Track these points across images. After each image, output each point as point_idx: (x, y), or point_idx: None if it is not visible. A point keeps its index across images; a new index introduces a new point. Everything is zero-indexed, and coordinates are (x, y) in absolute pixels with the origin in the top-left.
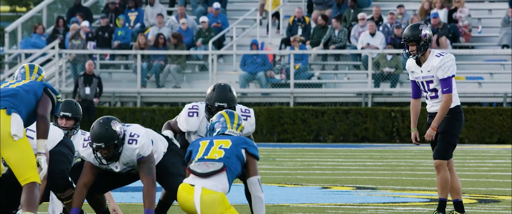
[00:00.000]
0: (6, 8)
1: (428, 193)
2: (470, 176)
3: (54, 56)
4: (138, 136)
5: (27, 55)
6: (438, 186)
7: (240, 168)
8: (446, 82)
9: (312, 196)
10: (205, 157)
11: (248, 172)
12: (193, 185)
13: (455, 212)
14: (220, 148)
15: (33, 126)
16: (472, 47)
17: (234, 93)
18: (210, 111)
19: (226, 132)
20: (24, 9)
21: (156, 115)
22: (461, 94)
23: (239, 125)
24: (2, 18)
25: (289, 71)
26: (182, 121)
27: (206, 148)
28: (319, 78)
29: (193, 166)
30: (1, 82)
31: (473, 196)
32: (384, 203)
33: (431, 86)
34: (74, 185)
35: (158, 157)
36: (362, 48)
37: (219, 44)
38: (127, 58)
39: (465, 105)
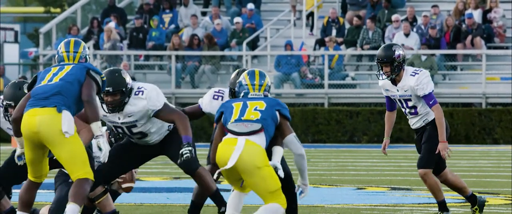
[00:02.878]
0: (40, 9)
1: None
2: (505, 176)
3: (88, 56)
4: (146, 89)
5: None
6: (431, 192)
7: (274, 130)
8: (429, 97)
9: (347, 197)
10: (242, 118)
11: (282, 132)
12: (235, 138)
13: (475, 207)
14: (255, 109)
15: None
16: (506, 48)
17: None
18: (234, 95)
19: (250, 96)
20: (58, 10)
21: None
22: (495, 95)
23: (261, 85)
24: (37, 19)
25: (324, 72)
26: (206, 102)
27: (240, 109)
28: (353, 79)
29: (230, 125)
30: (45, 72)
31: (508, 197)
32: (419, 203)
33: (410, 104)
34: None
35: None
36: None
37: (253, 45)
38: (161, 59)
39: (500, 106)
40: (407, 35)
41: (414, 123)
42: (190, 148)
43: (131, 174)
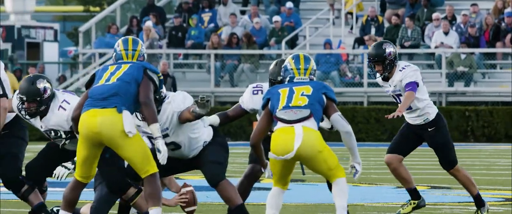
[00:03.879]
0: (80, 8)
1: (503, 193)
2: None
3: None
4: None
5: (101, 55)
6: (465, 186)
7: (321, 113)
8: (408, 84)
9: (387, 195)
10: (290, 105)
11: (328, 112)
12: (291, 126)
13: (412, 201)
14: (302, 94)
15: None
16: None
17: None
18: (273, 85)
19: (295, 80)
20: (97, 9)
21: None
22: None
23: (306, 69)
24: (76, 18)
25: (363, 70)
26: (247, 99)
27: (287, 95)
28: None
29: (279, 113)
30: (103, 70)
31: None
32: (459, 202)
33: (402, 99)
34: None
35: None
36: (436, 47)
37: (292, 44)
38: (200, 57)
39: None
40: (446, 33)
41: (413, 118)
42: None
43: (193, 196)
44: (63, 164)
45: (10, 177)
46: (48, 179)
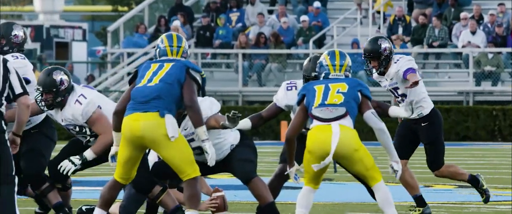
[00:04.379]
0: (108, 7)
1: None
2: None
3: (156, 55)
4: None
5: (129, 54)
6: (454, 179)
7: (357, 110)
8: (408, 69)
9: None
10: (325, 102)
11: (362, 109)
12: (328, 124)
13: (417, 208)
14: (338, 92)
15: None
16: None
17: None
18: (306, 81)
19: (331, 77)
20: (126, 8)
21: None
22: None
23: (341, 65)
24: (105, 18)
25: None
26: (281, 96)
27: (323, 92)
28: (421, 76)
29: (315, 111)
30: (145, 68)
31: None
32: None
33: (400, 92)
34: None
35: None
36: (463, 46)
37: (319, 43)
38: (228, 57)
39: None
40: (473, 33)
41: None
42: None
43: (223, 201)
44: (71, 157)
45: (32, 172)
46: (74, 178)
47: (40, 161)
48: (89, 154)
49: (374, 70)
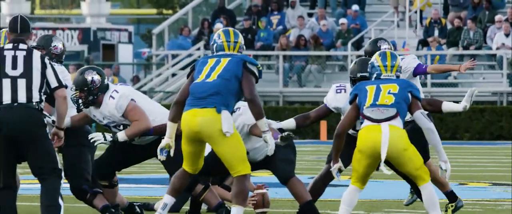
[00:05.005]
0: (153, 11)
1: None
2: None
3: (199, 57)
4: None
5: (173, 56)
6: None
7: (407, 111)
8: (418, 65)
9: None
10: (377, 103)
11: (411, 109)
12: (378, 124)
13: (450, 204)
14: (389, 93)
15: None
16: None
17: None
18: (354, 83)
19: (382, 77)
20: (170, 11)
21: (298, 114)
22: None
23: (393, 66)
24: (150, 21)
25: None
26: (331, 98)
27: (374, 93)
28: (455, 78)
29: (366, 111)
30: (202, 63)
31: None
32: None
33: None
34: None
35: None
36: (497, 48)
37: (358, 45)
38: (269, 59)
39: None
40: (507, 35)
41: None
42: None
43: (262, 198)
44: (105, 133)
45: (74, 187)
46: (121, 176)
47: (78, 174)
48: (121, 135)
49: None
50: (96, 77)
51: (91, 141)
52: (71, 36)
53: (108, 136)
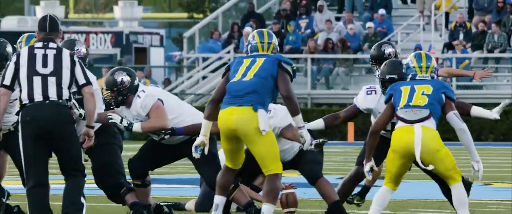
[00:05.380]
0: (184, 15)
1: None
2: None
3: (229, 60)
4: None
5: (204, 59)
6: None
7: (440, 112)
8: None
9: (475, 192)
10: (410, 104)
11: (445, 110)
12: (411, 126)
13: None
14: (422, 94)
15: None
16: None
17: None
18: (383, 84)
19: (417, 78)
20: (201, 16)
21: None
22: None
23: (428, 67)
24: (181, 25)
25: None
26: (361, 99)
27: (408, 93)
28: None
29: (400, 112)
30: (238, 63)
31: None
32: None
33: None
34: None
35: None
36: None
37: None
38: (297, 62)
39: None
40: None
41: None
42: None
43: (286, 198)
44: (123, 118)
45: (111, 183)
46: (153, 176)
47: (116, 169)
48: (137, 125)
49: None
50: (126, 78)
51: (109, 120)
52: (104, 40)
53: (125, 121)
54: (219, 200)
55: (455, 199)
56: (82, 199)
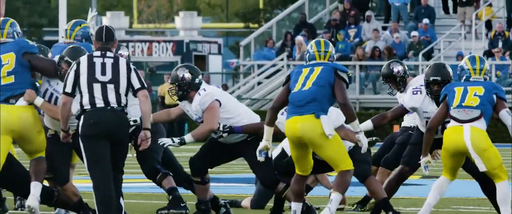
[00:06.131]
0: (241, 25)
1: None
2: None
3: (282, 67)
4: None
5: (259, 66)
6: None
7: (491, 112)
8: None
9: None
10: (463, 104)
11: (497, 109)
12: (461, 125)
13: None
14: (474, 95)
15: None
16: None
17: (448, 70)
18: (427, 85)
19: (471, 80)
20: (256, 25)
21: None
22: None
23: (481, 69)
24: (237, 34)
25: (491, 79)
26: (408, 99)
27: (461, 94)
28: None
29: (453, 112)
30: (297, 73)
31: None
32: None
33: None
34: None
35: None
36: None
37: (428, 56)
38: (347, 68)
39: None
40: None
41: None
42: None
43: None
44: (172, 138)
45: (148, 168)
46: (212, 175)
47: (152, 156)
48: (188, 137)
49: (395, 91)
50: (187, 75)
51: (161, 144)
52: (166, 48)
53: (176, 139)
54: (296, 206)
55: (499, 196)
56: (122, 200)
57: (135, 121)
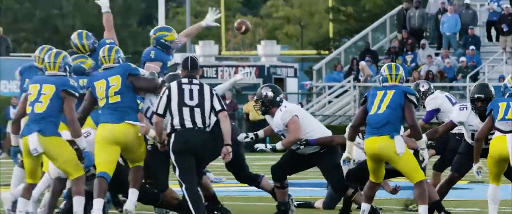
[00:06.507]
0: (313, 51)
1: None
2: None
3: (349, 88)
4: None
5: (329, 87)
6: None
7: None
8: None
9: (480, 191)
10: (506, 117)
11: None
12: (504, 136)
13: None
14: None
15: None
16: None
17: (491, 89)
18: (472, 102)
19: None
20: (327, 52)
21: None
22: None
23: None
24: (311, 59)
25: None
26: (456, 114)
27: (505, 108)
28: None
29: (497, 124)
30: (372, 95)
31: None
32: None
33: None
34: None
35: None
36: None
37: (474, 78)
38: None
39: None
40: None
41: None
42: None
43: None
44: (267, 144)
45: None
46: (291, 181)
47: (247, 165)
48: (279, 145)
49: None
50: (270, 93)
51: (256, 149)
52: (250, 72)
53: (269, 146)
54: (365, 207)
55: None
56: None
57: (247, 137)
